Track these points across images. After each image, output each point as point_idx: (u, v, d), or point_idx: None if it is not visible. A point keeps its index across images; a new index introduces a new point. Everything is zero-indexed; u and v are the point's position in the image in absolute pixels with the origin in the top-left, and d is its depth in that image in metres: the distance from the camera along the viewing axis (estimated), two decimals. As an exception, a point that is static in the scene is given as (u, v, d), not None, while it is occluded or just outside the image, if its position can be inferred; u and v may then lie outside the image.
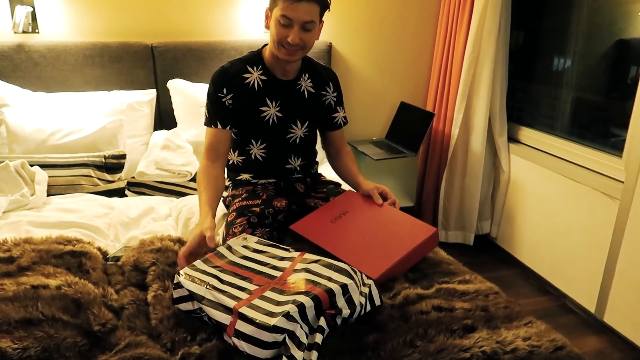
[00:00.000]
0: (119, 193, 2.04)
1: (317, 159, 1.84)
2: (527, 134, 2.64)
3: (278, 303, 1.05)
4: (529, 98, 2.77)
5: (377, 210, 1.54)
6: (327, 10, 1.55)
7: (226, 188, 1.80)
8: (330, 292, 1.08)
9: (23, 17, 2.29)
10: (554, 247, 2.44)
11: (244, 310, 1.03)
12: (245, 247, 1.31)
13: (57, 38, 2.39)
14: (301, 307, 1.02)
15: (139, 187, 2.06)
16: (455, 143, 2.70)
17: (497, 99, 2.61)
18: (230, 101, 1.58)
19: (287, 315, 1.00)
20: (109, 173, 2.07)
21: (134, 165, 2.18)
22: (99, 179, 2.03)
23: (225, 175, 1.72)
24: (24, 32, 2.33)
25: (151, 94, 2.41)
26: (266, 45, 1.64)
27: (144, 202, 1.92)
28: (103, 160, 2.06)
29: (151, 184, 2.06)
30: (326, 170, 2.06)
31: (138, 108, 2.35)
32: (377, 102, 2.95)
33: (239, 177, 1.73)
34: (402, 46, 2.89)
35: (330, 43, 2.72)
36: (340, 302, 1.09)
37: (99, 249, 1.48)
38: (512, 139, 2.72)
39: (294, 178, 1.74)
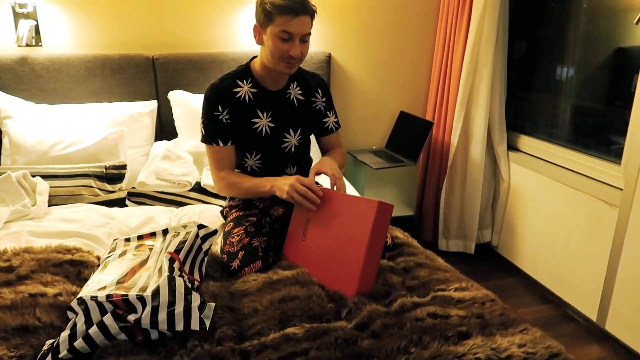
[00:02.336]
0: (120, 203, 2.06)
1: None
2: (527, 142, 2.65)
3: (102, 288, 1.17)
4: (529, 106, 2.78)
5: (326, 208, 1.45)
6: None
7: (223, 198, 1.82)
8: (125, 297, 1.10)
9: (27, 30, 2.33)
10: (555, 255, 2.43)
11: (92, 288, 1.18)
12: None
13: (60, 51, 2.43)
14: (92, 298, 1.11)
15: (140, 197, 2.08)
16: (455, 152, 2.71)
17: (496, 108, 2.62)
18: (227, 117, 1.60)
19: (79, 299, 1.13)
20: (110, 183, 2.09)
21: (134, 176, 2.20)
22: (99, 189, 2.05)
23: None
24: (27, 45, 2.36)
25: (152, 105, 2.44)
26: (254, 58, 1.65)
27: (144, 212, 1.94)
28: (104, 170, 2.08)
29: (151, 194, 2.08)
30: (324, 180, 2.07)
31: (139, 119, 2.37)
32: (376, 112, 2.97)
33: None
34: (401, 56, 2.92)
35: (330, 54, 2.74)
36: (138, 308, 1.10)
37: (98, 258, 1.50)
38: (512, 147, 2.73)
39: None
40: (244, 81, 1.63)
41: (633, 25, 2.00)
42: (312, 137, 1.83)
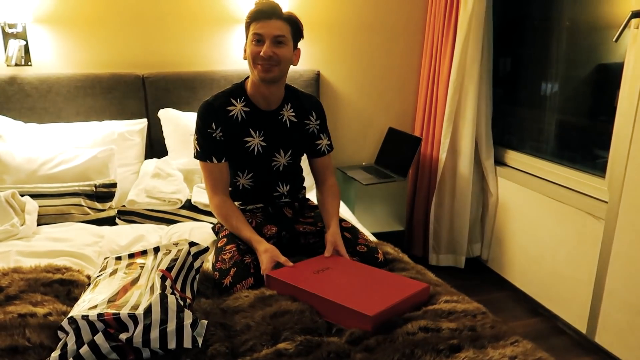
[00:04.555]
0: (110, 222, 2.05)
1: (305, 184, 1.86)
2: (514, 157, 2.69)
3: (93, 307, 1.15)
4: (515, 122, 2.83)
5: (363, 268, 1.49)
6: (301, 37, 1.63)
7: (214, 215, 1.81)
8: (116, 316, 1.09)
9: (16, 50, 2.34)
10: (543, 268, 2.45)
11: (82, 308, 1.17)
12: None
13: (49, 70, 2.44)
14: (83, 317, 1.09)
15: (130, 216, 2.07)
16: (444, 167, 2.74)
17: (482, 124, 2.67)
18: (220, 134, 1.62)
19: (70, 318, 1.11)
20: (100, 202, 2.08)
21: (124, 194, 2.20)
22: (89, 207, 2.04)
23: None
24: (16, 65, 2.37)
25: (142, 123, 2.45)
26: (248, 77, 1.68)
27: (134, 230, 1.93)
28: (94, 189, 2.07)
29: (142, 212, 2.07)
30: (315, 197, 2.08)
31: (129, 137, 2.37)
32: (365, 128, 3.01)
33: (228, 205, 1.74)
34: (389, 73, 2.96)
35: (319, 71, 2.78)
36: (130, 326, 1.08)
37: (89, 277, 1.48)
38: (499, 162, 2.76)
39: (282, 202, 1.76)
40: (238, 99, 1.65)
41: (613, 42, 2.06)
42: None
